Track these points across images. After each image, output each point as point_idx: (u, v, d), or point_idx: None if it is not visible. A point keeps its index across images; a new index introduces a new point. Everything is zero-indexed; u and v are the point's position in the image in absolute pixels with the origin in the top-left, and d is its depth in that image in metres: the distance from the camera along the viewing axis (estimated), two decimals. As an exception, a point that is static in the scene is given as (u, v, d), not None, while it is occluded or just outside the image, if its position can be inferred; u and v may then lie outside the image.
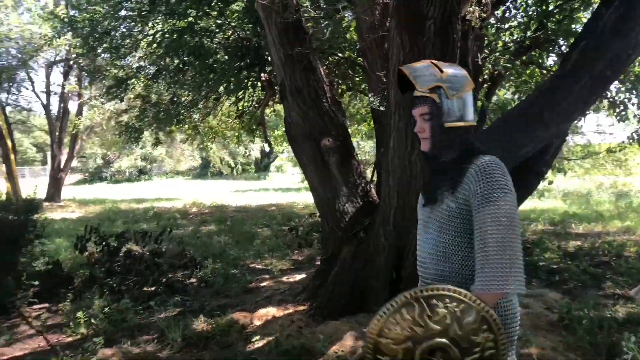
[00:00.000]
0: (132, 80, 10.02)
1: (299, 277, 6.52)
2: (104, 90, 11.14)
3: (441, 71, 1.74)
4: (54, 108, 17.79)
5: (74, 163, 23.35)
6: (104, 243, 6.40)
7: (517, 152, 4.11)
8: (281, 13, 4.39)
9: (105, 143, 20.95)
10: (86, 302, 5.45)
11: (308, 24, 5.09)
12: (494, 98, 7.33)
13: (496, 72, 6.30)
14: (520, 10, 6.80)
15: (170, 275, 6.39)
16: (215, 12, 6.97)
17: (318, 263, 7.25)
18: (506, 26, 6.78)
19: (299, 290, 5.62)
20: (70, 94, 16.89)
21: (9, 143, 11.13)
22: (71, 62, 15.85)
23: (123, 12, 8.37)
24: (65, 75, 16.80)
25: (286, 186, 27.63)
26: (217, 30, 6.94)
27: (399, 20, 3.73)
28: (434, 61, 1.79)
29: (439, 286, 1.54)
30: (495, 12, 6.39)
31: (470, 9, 4.62)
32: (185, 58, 7.17)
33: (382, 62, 5.03)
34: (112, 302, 5.28)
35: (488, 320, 1.49)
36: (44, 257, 6.37)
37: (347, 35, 7.13)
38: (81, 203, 18.69)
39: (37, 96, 17.98)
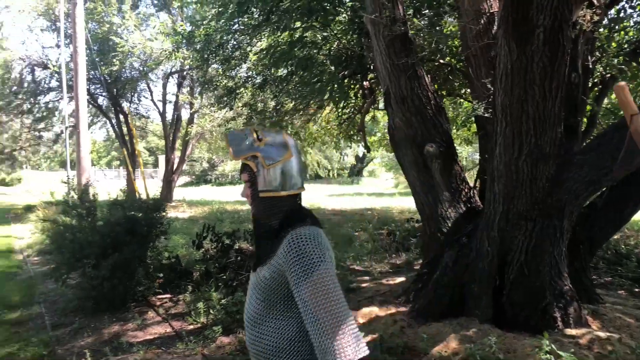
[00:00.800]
0: (241, 90, 10.73)
1: (398, 280, 6.66)
2: (215, 99, 12.01)
3: (259, 140, 1.73)
4: (169, 115, 19.37)
5: (183, 166, 25.08)
6: (218, 241, 6.96)
7: (630, 160, 3.98)
8: (389, 26, 4.60)
9: (213, 148, 22.33)
10: (203, 294, 5.98)
11: (411, 32, 5.25)
12: (605, 102, 7.01)
13: (608, 75, 6.06)
14: (637, 9, 6.47)
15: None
16: (319, 24, 7.32)
17: (416, 267, 7.35)
18: (620, 27, 6.48)
19: (400, 293, 5.77)
20: (183, 103, 18.30)
21: (138, 147, 12.44)
22: (185, 74, 17.23)
23: (235, 26, 8.99)
24: (179, 86, 18.26)
25: (379, 191, 27.73)
26: (323, 42, 7.30)
27: (506, 29, 3.78)
28: (257, 129, 1.79)
29: None
30: (609, 13, 6.14)
31: (582, 12, 4.54)
32: (292, 68, 7.60)
33: (487, 69, 5.07)
34: (227, 295, 5.74)
35: None
36: (166, 252, 7.04)
37: (449, 42, 7.19)
38: (190, 204, 20.07)
39: (155, 105, 19.56)
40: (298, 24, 7.28)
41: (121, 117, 18.43)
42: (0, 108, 18.74)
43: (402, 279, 6.68)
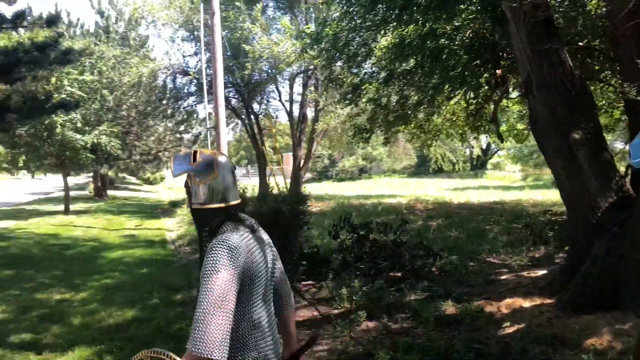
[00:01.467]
0: (365, 86, 10.95)
1: (539, 272, 6.46)
2: (341, 96, 12.36)
3: (194, 161, 1.97)
4: (295, 114, 20.17)
5: (309, 163, 26.00)
6: (353, 232, 7.26)
7: None
8: (530, 12, 4.51)
9: (336, 144, 22.88)
10: (344, 282, 6.29)
11: (555, 15, 5.08)
12: None
13: None
14: None
15: (412, 263, 6.93)
16: (447, 16, 7.27)
17: (557, 261, 7.07)
18: None
19: (543, 285, 5.62)
20: (309, 102, 19.00)
21: (277, 146, 13.24)
22: (309, 73, 17.89)
23: (361, 23, 9.18)
24: (305, 86, 19.00)
25: (505, 184, 26.61)
26: (454, 32, 7.26)
27: (666, 5, 3.58)
28: (199, 150, 2.01)
29: (165, 351, 1.74)
30: None
31: None
32: (422, 60, 7.65)
33: (638, 50, 4.77)
34: (366, 283, 6.00)
35: None
36: (307, 242, 7.49)
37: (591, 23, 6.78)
38: (317, 198, 20.79)
39: (283, 105, 20.54)
40: (431, 17, 7.27)
41: (252, 117, 19.66)
42: (148, 114, 20.87)
43: (543, 271, 6.47)
